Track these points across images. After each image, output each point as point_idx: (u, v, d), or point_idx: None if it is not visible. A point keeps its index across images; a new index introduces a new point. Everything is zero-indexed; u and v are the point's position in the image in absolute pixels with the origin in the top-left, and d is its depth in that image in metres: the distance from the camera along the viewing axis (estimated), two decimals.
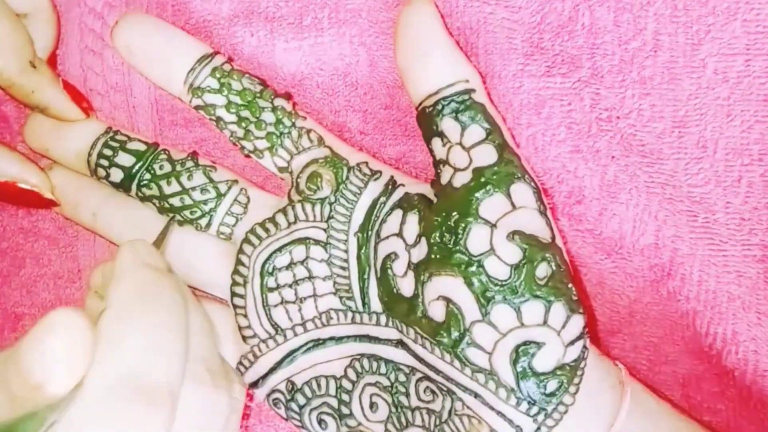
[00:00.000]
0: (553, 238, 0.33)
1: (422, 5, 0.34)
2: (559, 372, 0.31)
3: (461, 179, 0.33)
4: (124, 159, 0.37)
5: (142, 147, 0.37)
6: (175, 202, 0.37)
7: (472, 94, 0.33)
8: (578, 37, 0.34)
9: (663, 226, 0.35)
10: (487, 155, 0.33)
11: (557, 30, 0.34)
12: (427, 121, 0.34)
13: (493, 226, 0.32)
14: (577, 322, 0.32)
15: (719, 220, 0.35)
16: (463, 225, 0.32)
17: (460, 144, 0.33)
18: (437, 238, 0.33)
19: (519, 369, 0.31)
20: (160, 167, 0.37)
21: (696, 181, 0.35)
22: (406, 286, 0.34)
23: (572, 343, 0.32)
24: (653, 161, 0.35)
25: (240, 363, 0.36)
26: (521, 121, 0.35)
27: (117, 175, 0.37)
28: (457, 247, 0.32)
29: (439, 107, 0.33)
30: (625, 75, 0.34)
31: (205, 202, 0.37)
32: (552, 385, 0.31)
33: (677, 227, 0.35)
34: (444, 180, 0.34)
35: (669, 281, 0.35)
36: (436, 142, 0.34)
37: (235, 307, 0.36)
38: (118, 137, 0.37)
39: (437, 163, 0.34)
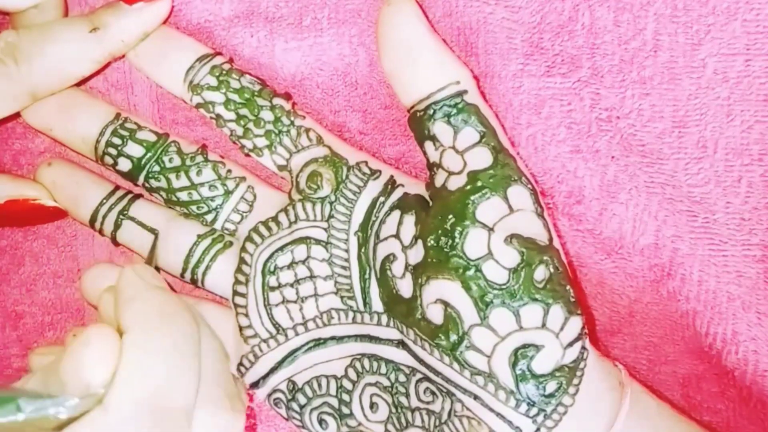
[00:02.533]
0: (551, 240, 0.33)
1: (402, 4, 0.33)
2: (558, 373, 0.32)
3: (456, 183, 0.33)
4: (134, 149, 0.37)
5: (152, 137, 0.37)
6: (183, 196, 0.37)
7: (464, 96, 0.33)
8: (578, 37, 0.34)
9: (663, 226, 0.35)
10: (482, 158, 0.33)
11: (557, 30, 0.34)
12: (418, 124, 0.34)
13: (491, 229, 0.32)
14: (576, 324, 0.32)
15: (719, 220, 0.35)
16: (459, 228, 0.32)
17: (453, 147, 0.33)
18: (433, 241, 0.33)
19: (518, 371, 0.31)
20: (170, 160, 0.37)
21: (696, 181, 0.35)
22: (404, 287, 0.34)
23: (571, 344, 0.32)
24: (653, 161, 0.35)
25: (240, 363, 0.36)
26: (521, 121, 0.35)
27: (125, 165, 0.37)
28: (455, 251, 0.32)
29: (431, 112, 0.33)
30: (625, 75, 0.34)
31: (212, 199, 0.37)
32: (551, 386, 0.31)
33: (677, 227, 0.35)
34: (438, 183, 0.33)
35: (669, 281, 0.35)
36: (429, 146, 0.34)
37: (236, 306, 0.36)
38: (128, 125, 0.37)
39: (431, 166, 0.34)
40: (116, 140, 0.37)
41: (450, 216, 0.32)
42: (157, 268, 0.38)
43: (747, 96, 0.33)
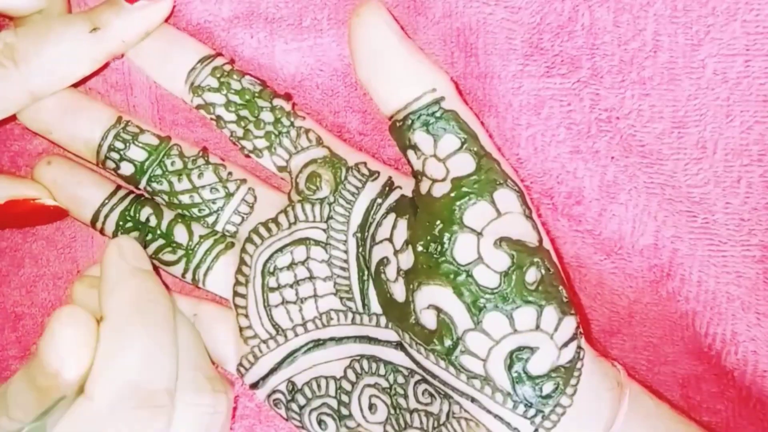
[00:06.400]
0: (541, 241, 0.33)
1: (371, 13, 0.33)
2: (554, 374, 0.32)
3: (440, 190, 0.33)
4: (136, 153, 0.36)
5: (155, 141, 0.37)
6: (185, 199, 0.37)
7: (442, 103, 0.33)
8: (578, 38, 0.34)
9: (662, 227, 0.35)
10: (464, 164, 0.32)
11: (557, 30, 0.34)
12: (398, 134, 0.33)
13: (480, 234, 0.32)
14: (570, 324, 0.32)
15: (719, 220, 0.35)
16: (448, 234, 0.32)
17: (435, 156, 0.33)
18: (422, 247, 0.32)
19: (514, 374, 0.31)
20: (172, 163, 0.37)
21: (695, 181, 0.35)
22: (398, 291, 0.34)
23: (566, 345, 0.32)
24: (653, 162, 0.35)
25: (240, 364, 0.36)
26: (521, 121, 0.35)
27: (127, 169, 0.37)
28: (444, 257, 0.32)
29: (409, 122, 0.33)
30: (625, 75, 0.34)
31: (213, 201, 0.37)
32: (548, 387, 0.32)
33: (677, 228, 0.35)
34: (423, 190, 0.33)
35: (668, 282, 0.35)
36: (411, 155, 0.33)
37: (236, 307, 0.36)
38: (130, 129, 0.37)
39: (415, 174, 0.34)
40: (119, 144, 0.36)
41: (437, 222, 0.32)
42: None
43: (746, 97, 0.33)
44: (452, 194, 0.32)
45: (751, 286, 0.34)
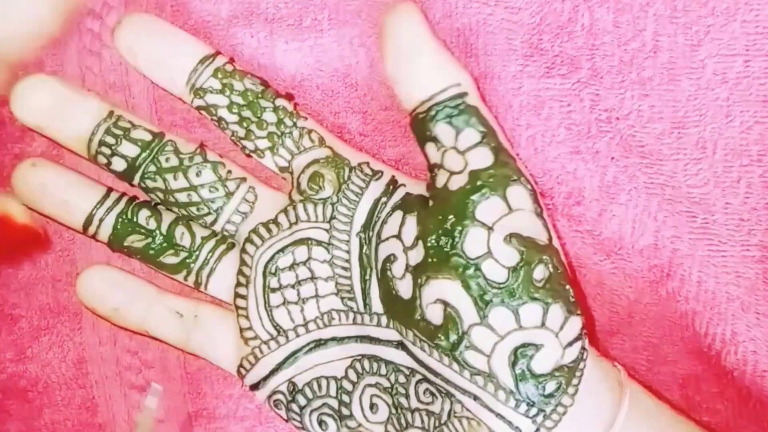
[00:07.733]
0: (550, 239, 0.33)
1: (406, 11, 0.33)
2: (557, 373, 0.32)
3: (457, 182, 0.33)
4: (128, 149, 0.36)
5: (148, 136, 0.36)
6: (182, 197, 0.36)
7: (465, 98, 0.33)
8: (578, 38, 0.34)
9: (662, 227, 0.35)
10: (482, 158, 0.33)
11: (557, 31, 0.34)
12: (420, 126, 0.34)
13: (490, 228, 0.32)
14: (575, 324, 0.32)
15: (718, 220, 0.35)
16: (459, 228, 0.32)
17: (455, 148, 0.33)
18: (434, 240, 0.33)
19: (518, 371, 0.31)
20: (167, 160, 0.36)
21: (695, 181, 0.35)
22: (404, 288, 0.34)
23: (570, 344, 0.32)
24: (652, 162, 0.35)
25: (241, 365, 0.36)
26: (521, 122, 0.35)
27: (119, 165, 0.36)
28: (454, 251, 0.32)
29: (433, 113, 0.33)
30: (625, 76, 0.34)
31: (213, 201, 0.36)
32: (551, 386, 0.32)
33: (676, 228, 0.35)
34: (439, 183, 0.33)
35: (668, 282, 0.35)
36: (431, 147, 0.34)
37: (237, 308, 0.36)
38: (121, 123, 0.36)
39: (432, 167, 0.34)
40: (109, 139, 0.36)
41: (450, 216, 0.32)
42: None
43: (746, 97, 0.33)
44: (467, 187, 0.32)
45: (750, 286, 0.35)
